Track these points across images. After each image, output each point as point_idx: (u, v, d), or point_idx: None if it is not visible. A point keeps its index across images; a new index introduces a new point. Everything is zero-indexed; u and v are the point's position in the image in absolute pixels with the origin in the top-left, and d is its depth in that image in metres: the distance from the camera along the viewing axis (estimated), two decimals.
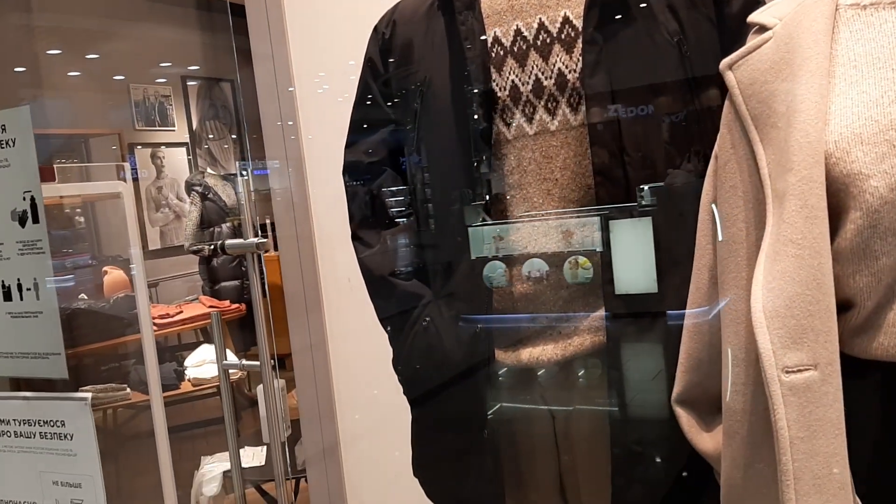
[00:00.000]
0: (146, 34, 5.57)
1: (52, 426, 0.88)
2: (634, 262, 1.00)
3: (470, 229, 1.06)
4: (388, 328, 1.17)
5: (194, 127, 6.70)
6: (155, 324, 4.06)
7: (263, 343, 1.82)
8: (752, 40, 0.89)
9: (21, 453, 0.90)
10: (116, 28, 5.23)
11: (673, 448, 0.96)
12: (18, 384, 0.90)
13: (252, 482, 2.45)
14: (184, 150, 6.70)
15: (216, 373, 4.10)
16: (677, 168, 1.00)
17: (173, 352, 4.88)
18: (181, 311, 4.69)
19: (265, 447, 2.38)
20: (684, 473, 0.97)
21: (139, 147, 6.28)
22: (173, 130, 6.53)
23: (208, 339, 4.82)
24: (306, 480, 2.27)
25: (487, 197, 1.06)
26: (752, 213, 0.85)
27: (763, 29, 0.89)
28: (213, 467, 2.34)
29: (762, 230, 0.82)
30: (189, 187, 5.31)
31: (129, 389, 3.74)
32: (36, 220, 0.80)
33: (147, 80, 6.19)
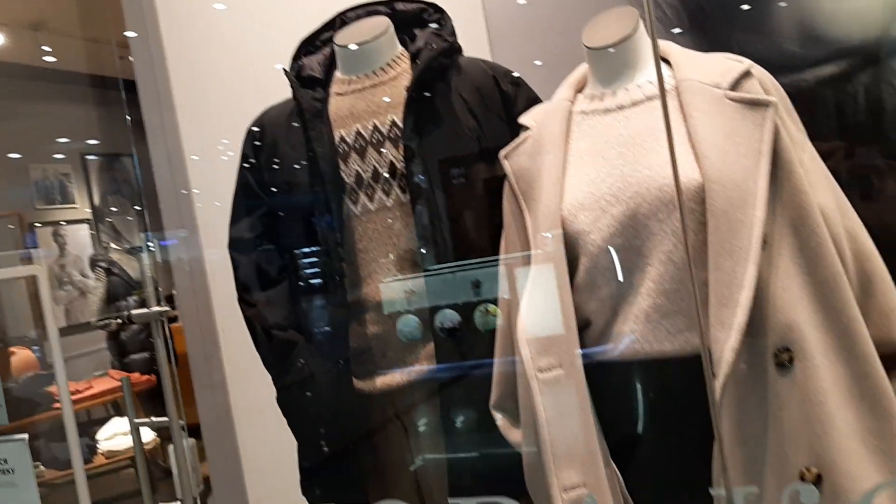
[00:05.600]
0: (41, 112, 5.66)
1: None
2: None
3: (381, 285, 1.34)
4: (272, 372, 1.44)
5: (96, 203, 6.75)
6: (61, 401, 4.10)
7: (171, 402, 2.02)
8: (520, 136, 1.23)
9: None
10: (8, 108, 5.31)
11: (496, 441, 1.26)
12: None
13: None
14: (86, 226, 6.72)
15: (129, 444, 4.18)
16: (482, 229, 1.32)
17: (84, 428, 4.88)
18: (91, 387, 4.71)
19: (179, 503, 2.54)
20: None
21: (38, 226, 6.27)
22: (75, 207, 6.57)
23: (119, 413, 4.85)
24: None
25: (343, 259, 1.35)
26: (526, 259, 1.18)
27: (527, 128, 1.23)
28: None
29: None
30: (94, 263, 5.39)
31: (42, 467, 3.77)
32: None
33: (45, 158, 6.24)
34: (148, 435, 3.63)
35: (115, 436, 4.20)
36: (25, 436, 1.07)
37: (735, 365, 0.97)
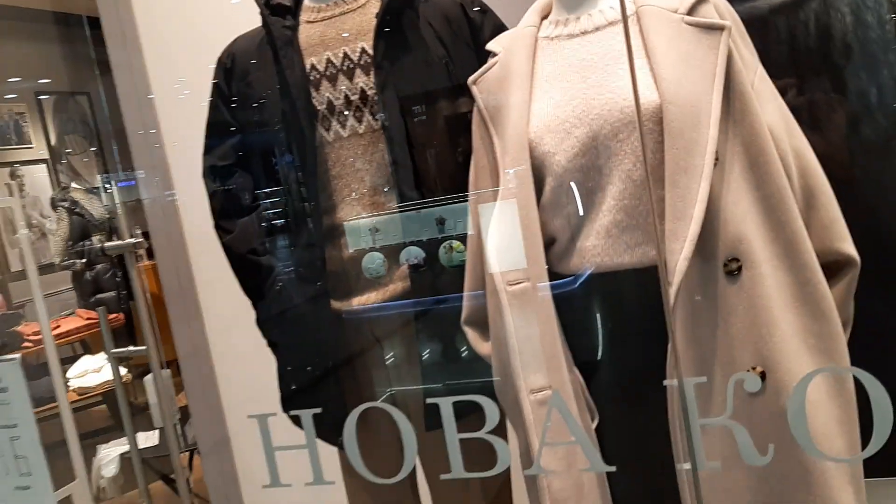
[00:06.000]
0: None
1: None
2: None
3: (346, 224, 1.39)
4: (251, 296, 1.49)
5: (53, 143, 6.61)
6: (30, 340, 4.13)
7: (147, 329, 2.07)
8: (488, 63, 1.28)
9: None
10: None
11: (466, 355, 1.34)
12: None
13: (153, 469, 2.68)
14: (44, 166, 6.59)
15: (100, 381, 4.22)
16: (452, 154, 1.38)
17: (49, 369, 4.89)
18: (58, 326, 4.72)
19: (157, 431, 2.62)
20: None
21: None
22: (31, 147, 6.43)
23: (88, 352, 4.88)
24: (198, 453, 2.53)
25: (317, 185, 1.40)
26: (494, 181, 1.23)
27: (494, 54, 1.27)
28: (110, 451, 2.57)
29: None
30: (55, 203, 5.32)
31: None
32: None
33: None
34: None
35: (86, 373, 4.23)
36: (18, 356, 1.12)
37: (688, 273, 1.05)
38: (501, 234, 1.16)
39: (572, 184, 1.15)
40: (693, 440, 0.92)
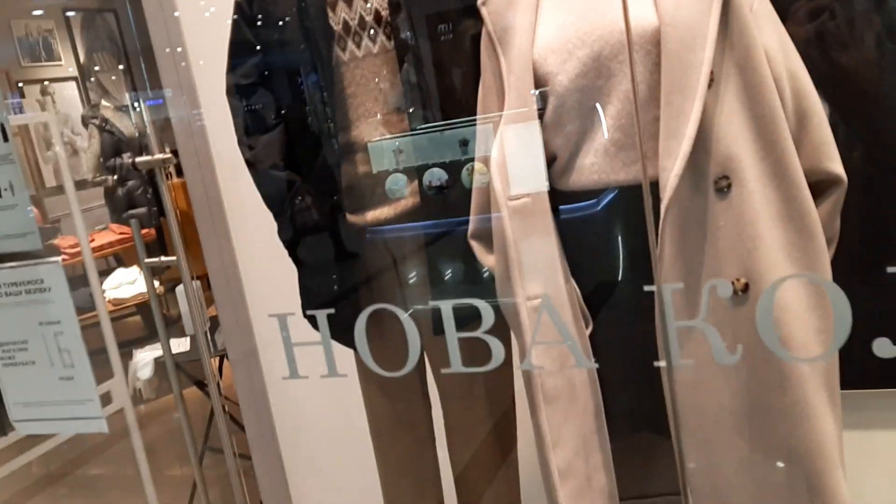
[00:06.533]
0: None
1: (35, 284, 1.26)
2: None
3: (370, 145, 1.46)
4: (273, 208, 1.58)
5: (82, 60, 6.66)
6: (67, 253, 4.29)
7: (178, 240, 2.18)
8: None
9: (12, 307, 1.28)
10: None
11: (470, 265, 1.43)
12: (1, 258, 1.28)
13: (186, 375, 2.86)
14: (73, 84, 6.65)
15: (134, 292, 4.38)
16: (462, 75, 1.43)
17: (86, 279, 5.09)
18: (93, 240, 4.88)
19: (188, 338, 2.77)
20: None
21: (21, 84, 6.21)
22: (60, 65, 6.49)
23: (121, 265, 5.05)
24: (227, 358, 2.67)
25: (334, 103, 1.46)
26: (500, 101, 1.29)
27: None
28: (145, 355, 2.73)
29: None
30: (86, 120, 5.43)
31: None
32: (6, 140, 1.16)
33: (24, 14, 6.10)
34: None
35: (120, 285, 4.41)
36: (59, 258, 1.23)
37: (678, 189, 1.12)
38: (505, 152, 1.22)
39: (574, 103, 1.21)
40: (669, 340, 1.00)
